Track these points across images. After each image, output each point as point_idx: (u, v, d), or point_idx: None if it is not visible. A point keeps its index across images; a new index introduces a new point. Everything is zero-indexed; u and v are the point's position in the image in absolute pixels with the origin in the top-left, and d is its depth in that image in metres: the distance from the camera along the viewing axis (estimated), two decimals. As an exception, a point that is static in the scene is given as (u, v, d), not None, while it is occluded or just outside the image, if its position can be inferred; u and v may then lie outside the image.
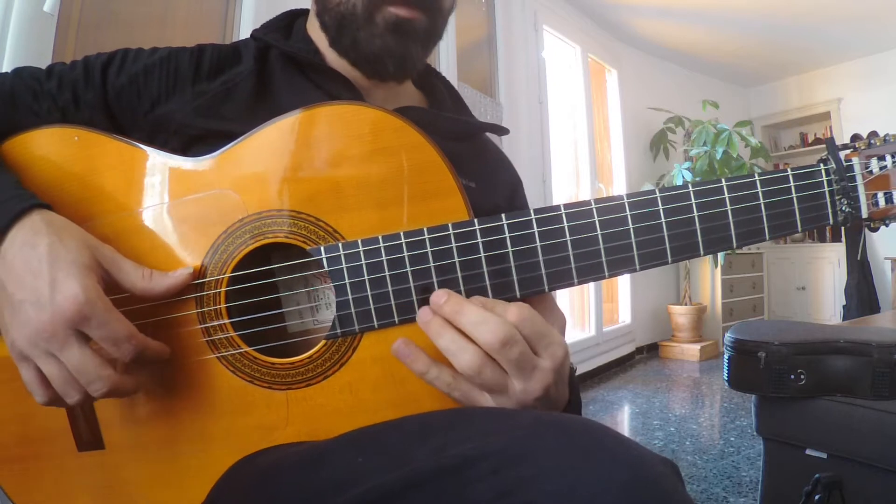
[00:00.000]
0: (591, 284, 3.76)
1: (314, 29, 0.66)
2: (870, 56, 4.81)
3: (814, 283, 5.17)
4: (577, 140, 3.90)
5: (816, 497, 1.20)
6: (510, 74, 3.16)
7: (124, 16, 1.47)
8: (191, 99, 0.59)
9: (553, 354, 0.45)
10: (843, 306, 4.80)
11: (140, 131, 0.59)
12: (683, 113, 4.49)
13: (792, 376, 1.30)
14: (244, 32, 1.78)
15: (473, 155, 0.69)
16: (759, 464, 1.49)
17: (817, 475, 1.22)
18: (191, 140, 0.57)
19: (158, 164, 0.52)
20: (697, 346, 4.18)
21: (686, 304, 4.39)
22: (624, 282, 4.30)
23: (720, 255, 4.16)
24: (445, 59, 2.63)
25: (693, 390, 3.39)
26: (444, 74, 0.78)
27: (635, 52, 4.62)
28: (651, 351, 4.48)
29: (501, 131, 0.73)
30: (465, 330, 0.44)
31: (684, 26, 4.28)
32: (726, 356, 1.43)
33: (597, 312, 3.77)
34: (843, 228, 4.88)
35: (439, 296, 0.45)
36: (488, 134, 0.76)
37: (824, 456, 1.30)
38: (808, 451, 1.33)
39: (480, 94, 2.86)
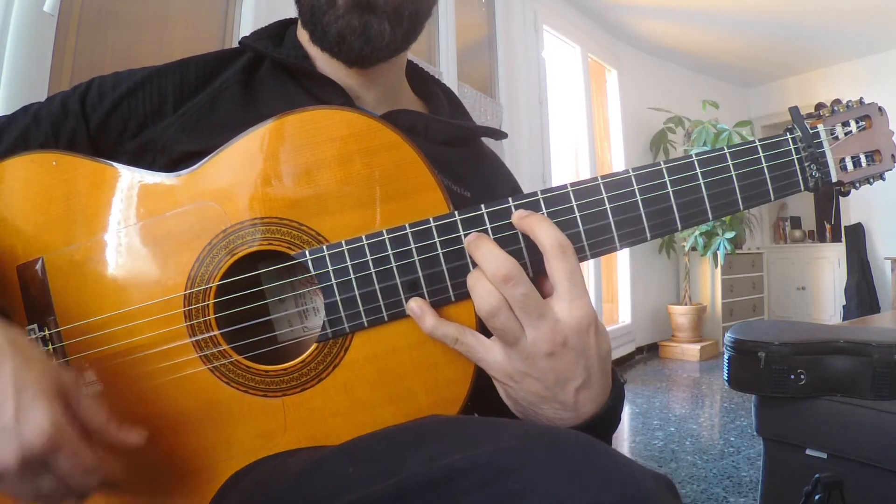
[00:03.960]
0: (591, 284, 3.76)
1: (302, 33, 0.65)
2: (870, 56, 4.82)
3: (814, 283, 5.17)
4: (577, 140, 3.90)
5: (816, 497, 1.20)
6: (510, 74, 3.16)
7: (124, 16, 1.48)
8: (177, 117, 0.59)
9: (573, 313, 0.43)
10: (843, 306, 4.81)
11: (125, 154, 0.58)
12: (683, 113, 4.49)
13: (792, 376, 1.30)
14: (244, 33, 1.78)
15: (469, 162, 0.68)
16: (759, 464, 1.49)
17: (817, 475, 1.22)
18: (179, 158, 0.56)
19: (138, 182, 0.52)
20: (697, 346, 4.18)
21: (686, 304, 4.39)
22: (624, 282, 4.30)
23: (720, 255, 4.16)
24: (445, 59, 2.63)
25: (693, 390, 3.39)
26: (444, 75, 0.77)
27: (635, 52, 4.62)
28: (651, 351, 4.48)
29: (499, 136, 0.72)
30: (477, 262, 0.45)
31: (684, 26, 4.28)
32: (726, 356, 1.43)
33: (597, 312, 3.76)
34: (843, 229, 4.88)
35: (471, 236, 0.46)
36: (487, 140, 0.74)
37: (824, 456, 1.30)
38: (808, 451, 1.33)
39: (480, 94, 2.86)
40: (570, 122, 3.88)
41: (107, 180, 0.52)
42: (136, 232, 0.51)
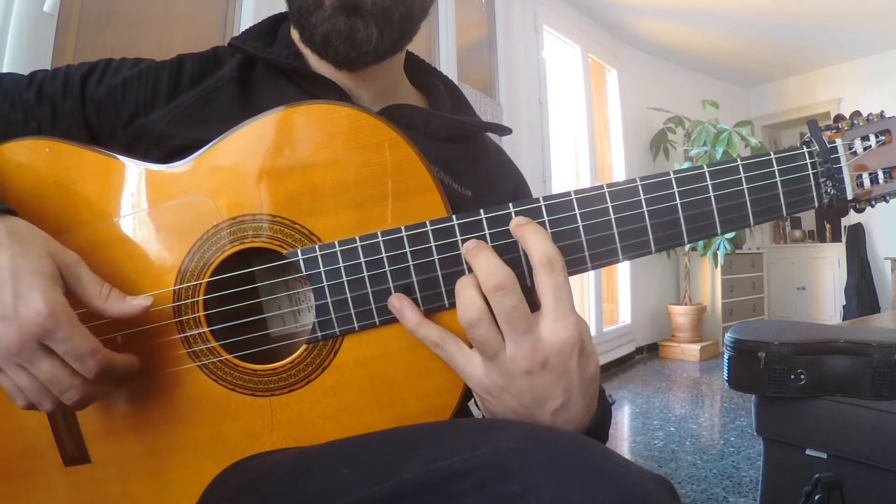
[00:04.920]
0: (591, 284, 3.76)
1: (293, 28, 0.64)
2: (870, 56, 4.81)
3: (814, 283, 5.17)
4: (577, 140, 3.90)
5: (816, 497, 1.20)
6: (510, 74, 3.16)
7: (124, 16, 1.47)
8: (169, 110, 0.58)
9: (556, 333, 0.42)
10: (843, 306, 4.80)
11: (118, 143, 0.58)
12: (683, 113, 4.49)
13: (792, 376, 1.30)
14: (244, 32, 1.77)
15: (471, 159, 0.66)
16: (759, 464, 1.49)
17: (817, 475, 1.22)
18: (173, 151, 0.56)
19: (132, 172, 0.51)
20: (697, 346, 4.18)
21: (686, 304, 4.39)
22: (624, 282, 4.30)
23: (720, 255, 4.16)
24: (445, 59, 2.63)
25: (693, 390, 3.39)
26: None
27: (635, 52, 4.62)
28: (651, 351, 4.48)
29: (502, 131, 0.70)
30: (473, 269, 0.43)
31: (684, 26, 4.28)
32: (726, 356, 1.43)
33: (597, 312, 3.77)
34: (843, 229, 4.88)
35: (469, 243, 0.44)
36: (490, 134, 0.73)
37: (824, 456, 1.30)
38: (808, 451, 1.33)
39: (480, 94, 2.86)
40: (570, 122, 3.87)
41: (100, 169, 0.51)
42: (126, 223, 0.50)
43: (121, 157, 0.51)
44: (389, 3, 0.57)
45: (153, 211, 0.50)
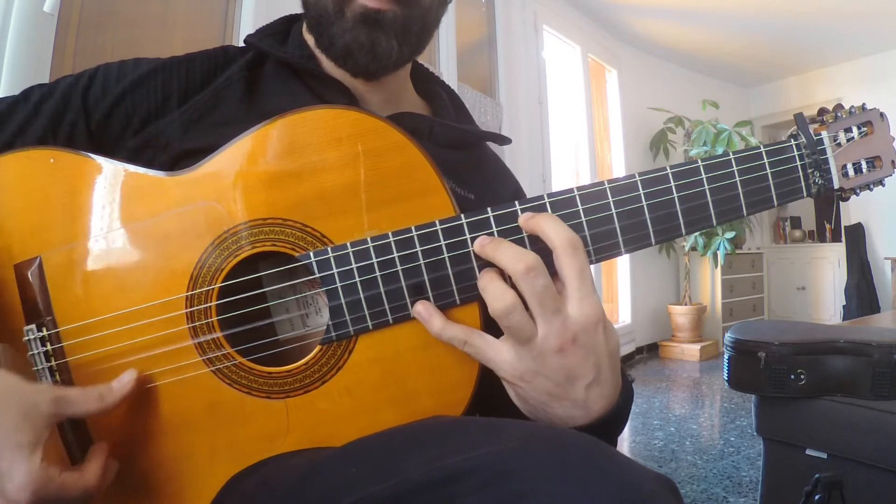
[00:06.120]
0: (591, 284, 3.76)
1: (308, 33, 0.65)
2: (870, 56, 4.82)
3: (814, 283, 5.17)
4: (577, 140, 3.90)
5: (816, 497, 1.20)
6: (510, 74, 3.16)
7: (124, 16, 1.48)
8: (180, 113, 0.58)
9: (583, 311, 0.44)
10: (843, 306, 4.81)
11: (125, 150, 0.57)
12: (683, 113, 4.49)
13: (792, 376, 1.30)
14: (244, 32, 1.78)
15: (472, 165, 0.68)
16: (759, 464, 1.50)
17: (817, 475, 1.22)
18: (181, 155, 0.55)
19: (139, 180, 0.51)
20: (697, 346, 4.18)
21: (686, 304, 4.39)
22: (624, 281, 4.31)
23: (720, 255, 4.16)
24: (445, 59, 2.63)
25: (693, 390, 3.39)
26: (444, 75, 0.77)
27: (635, 52, 4.62)
28: (651, 351, 4.48)
29: (503, 141, 0.72)
30: (497, 261, 0.45)
31: (684, 26, 4.28)
32: (726, 356, 1.43)
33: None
34: (843, 229, 4.88)
35: (483, 239, 0.46)
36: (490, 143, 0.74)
37: (824, 456, 1.30)
38: (808, 451, 1.33)
39: (480, 94, 2.86)
40: (570, 122, 3.88)
41: (106, 178, 0.51)
42: (136, 231, 0.50)
43: (127, 166, 0.51)
44: (408, 18, 0.58)
45: (163, 218, 0.50)
